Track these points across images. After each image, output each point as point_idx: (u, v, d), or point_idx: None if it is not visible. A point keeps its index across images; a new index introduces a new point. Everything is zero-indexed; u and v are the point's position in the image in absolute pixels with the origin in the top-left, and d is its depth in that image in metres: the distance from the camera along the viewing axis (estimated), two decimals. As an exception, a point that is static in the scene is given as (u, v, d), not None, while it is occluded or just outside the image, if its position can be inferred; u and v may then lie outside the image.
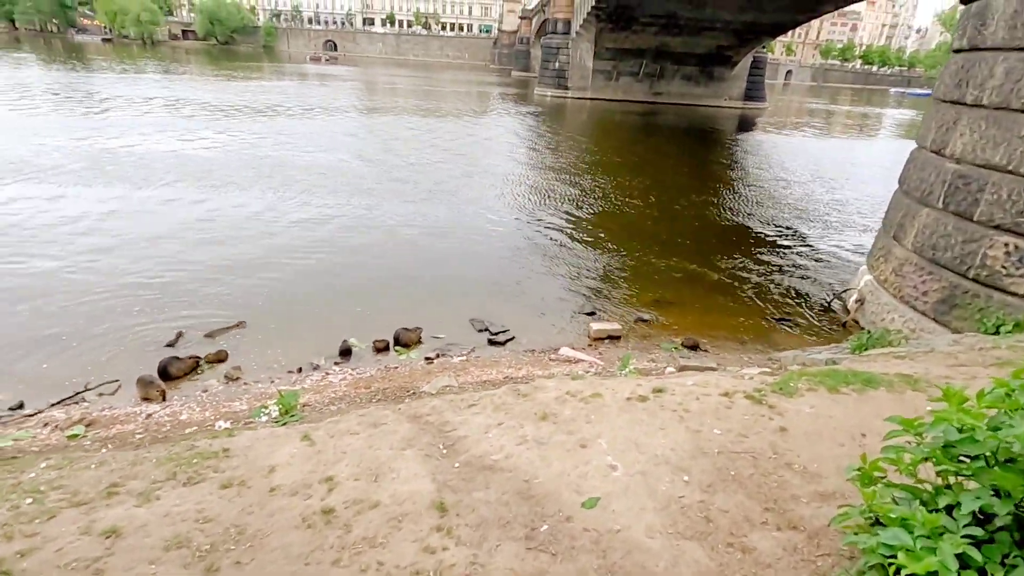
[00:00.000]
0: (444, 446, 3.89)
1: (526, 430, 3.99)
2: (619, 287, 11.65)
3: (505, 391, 4.98)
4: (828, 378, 4.74)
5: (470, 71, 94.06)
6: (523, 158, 24.69)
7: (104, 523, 2.94)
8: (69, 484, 3.48)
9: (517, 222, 15.51)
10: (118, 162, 18.50)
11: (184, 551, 2.77)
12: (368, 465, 3.62)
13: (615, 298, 11.10)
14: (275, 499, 3.26)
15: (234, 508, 3.16)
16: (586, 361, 8.50)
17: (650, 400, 4.36)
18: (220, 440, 4.35)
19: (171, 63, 66.55)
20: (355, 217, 14.82)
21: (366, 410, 4.94)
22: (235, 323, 9.17)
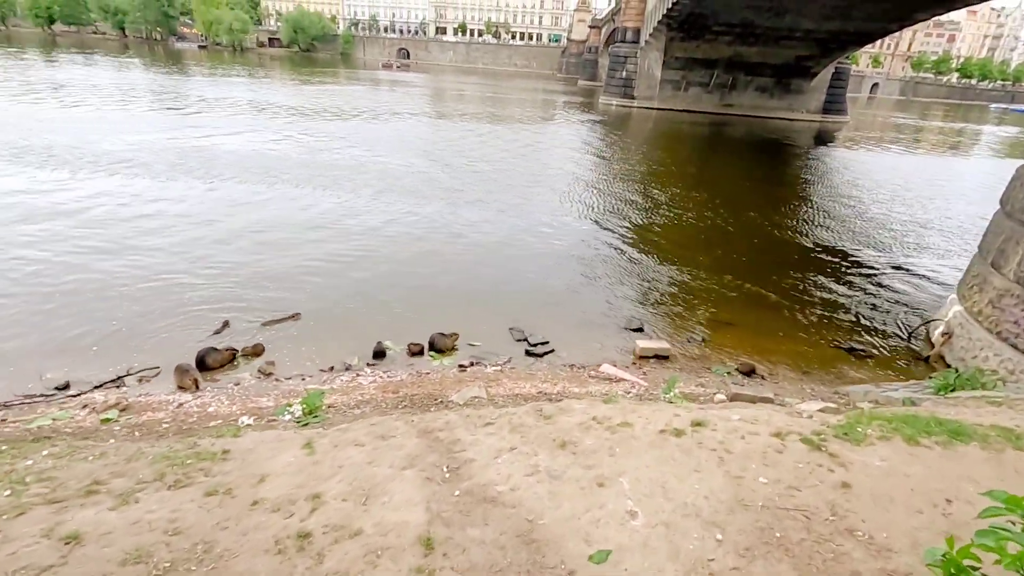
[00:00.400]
0: (448, 468, 3.52)
1: (540, 459, 3.56)
2: (671, 303, 10.96)
3: (527, 411, 4.57)
4: (906, 424, 4.02)
5: (537, 80, 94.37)
6: (583, 166, 24.18)
7: (69, 526, 2.76)
8: (57, 477, 3.36)
9: (572, 229, 15.05)
10: (196, 158, 19.46)
11: (141, 567, 2.53)
12: (361, 484, 3.30)
13: (666, 315, 10.42)
14: (254, 514, 2.99)
15: (210, 520, 2.91)
16: (628, 381, 7.93)
17: (687, 435, 3.82)
18: (224, 440, 4.18)
19: (256, 68, 70.46)
20: (411, 219, 14.81)
21: (379, 420, 4.66)
22: (290, 315, 9.23)
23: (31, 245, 11.18)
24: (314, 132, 26.67)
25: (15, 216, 12.69)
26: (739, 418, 4.20)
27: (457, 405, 6.63)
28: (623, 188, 20.41)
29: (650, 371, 8.37)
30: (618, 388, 7.58)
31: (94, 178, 16.20)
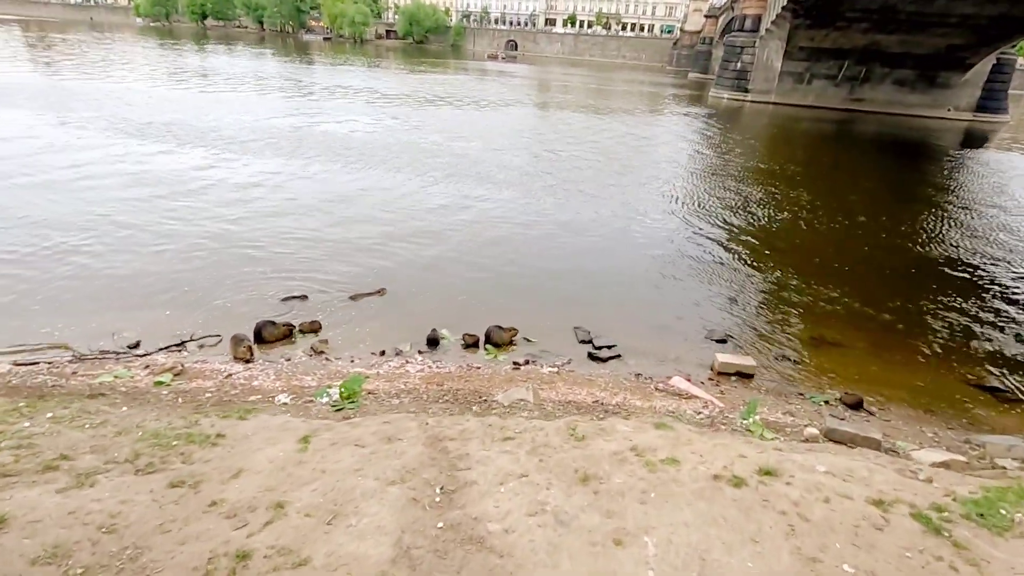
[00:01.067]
0: (442, 490, 2.96)
1: (551, 494, 2.89)
2: (763, 314, 9.65)
3: (558, 427, 3.89)
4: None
5: (645, 72, 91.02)
6: (683, 160, 22.61)
7: (2, 507, 2.51)
8: (37, 445, 3.19)
9: (662, 226, 13.92)
10: (301, 139, 20.40)
11: (52, 569, 2.20)
12: (336, 497, 2.83)
13: (755, 327, 9.17)
14: (206, 518, 2.60)
15: (155, 519, 2.56)
16: (700, 399, 6.94)
17: (749, 486, 2.97)
18: (228, 422, 3.90)
19: (372, 58, 73.97)
20: (497, 207, 14.43)
21: (394, 418, 4.20)
22: (376, 290, 9.18)
23: (129, 210, 12.06)
24: (414, 118, 27.17)
25: (120, 183, 13.82)
26: (825, 470, 3.25)
27: (500, 406, 6.08)
28: (725, 186, 18.74)
29: (729, 390, 7.30)
30: (687, 406, 6.64)
31: (202, 153, 17.39)
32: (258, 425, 3.83)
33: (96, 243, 10.35)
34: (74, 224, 11.12)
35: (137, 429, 3.54)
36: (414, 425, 3.94)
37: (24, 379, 6.27)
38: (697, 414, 6.40)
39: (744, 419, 6.28)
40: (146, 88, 29.91)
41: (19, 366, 6.63)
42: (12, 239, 10.20)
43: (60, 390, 5.94)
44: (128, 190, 13.37)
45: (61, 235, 10.55)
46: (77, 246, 10.17)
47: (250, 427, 3.78)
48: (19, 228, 10.70)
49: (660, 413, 6.29)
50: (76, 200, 12.45)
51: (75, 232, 10.74)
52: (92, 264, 9.58)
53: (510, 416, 4.51)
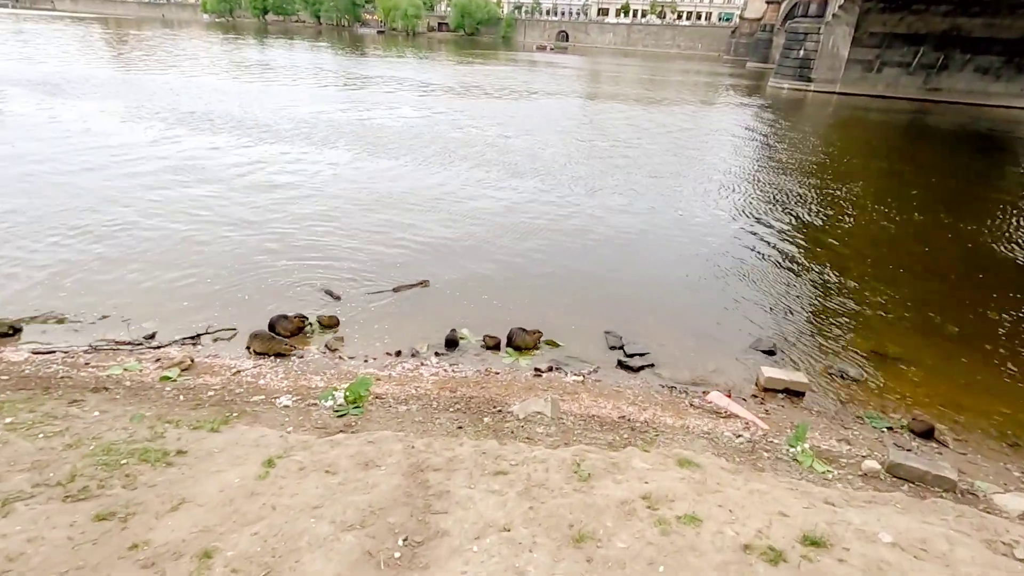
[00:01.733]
0: (406, 541, 2.48)
1: (535, 558, 2.36)
2: (819, 324, 8.72)
3: (561, 461, 3.35)
4: None
5: (700, 62, 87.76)
6: (736, 154, 21.32)
7: None
8: (-27, 457, 2.91)
9: (708, 223, 13.00)
10: (349, 129, 20.40)
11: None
12: (278, 545, 2.39)
13: (809, 338, 8.28)
14: (120, 565, 2.21)
15: (61, 564, 2.19)
16: (742, 419, 6.21)
17: (788, 562, 2.34)
18: (197, 435, 3.55)
19: (423, 51, 74.35)
20: (533, 199, 13.88)
21: (379, 437, 3.76)
22: (419, 281, 8.91)
23: (161, 197, 12.17)
24: (460, 110, 26.85)
25: (157, 169, 14.01)
26: (891, 540, 2.57)
27: (514, 419, 5.57)
28: (779, 181, 17.49)
29: (775, 410, 6.52)
30: (725, 427, 5.93)
31: (246, 143, 17.57)
32: (229, 440, 3.47)
33: (124, 229, 10.43)
34: (107, 209, 11.28)
35: (92, 441, 3.24)
36: (399, 448, 3.49)
37: (38, 368, 6.22)
38: (736, 437, 5.69)
39: (791, 446, 5.53)
40: (203, 80, 30.82)
41: (37, 355, 6.61)
42: (45, 222, 10.40)
43: (67, 382, 5.83)
44: (162, 176, 13.57)
45: (94, 218, 10.71)
46: (107, 231, 10.27)
47: (220, 441, 3.42)
48: (53, 212, 10.92)
49: (693, 434, 5.62)
50: (111, 186, 12.68)
51: (107, 217, 10.88)
52: (117, 250, 9.62)
53: (510, 441, 3.99)
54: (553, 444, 4.91)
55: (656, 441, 5.28)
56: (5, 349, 6.67)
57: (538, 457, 3.42)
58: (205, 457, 3.18)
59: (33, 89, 24.38)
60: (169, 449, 3.21)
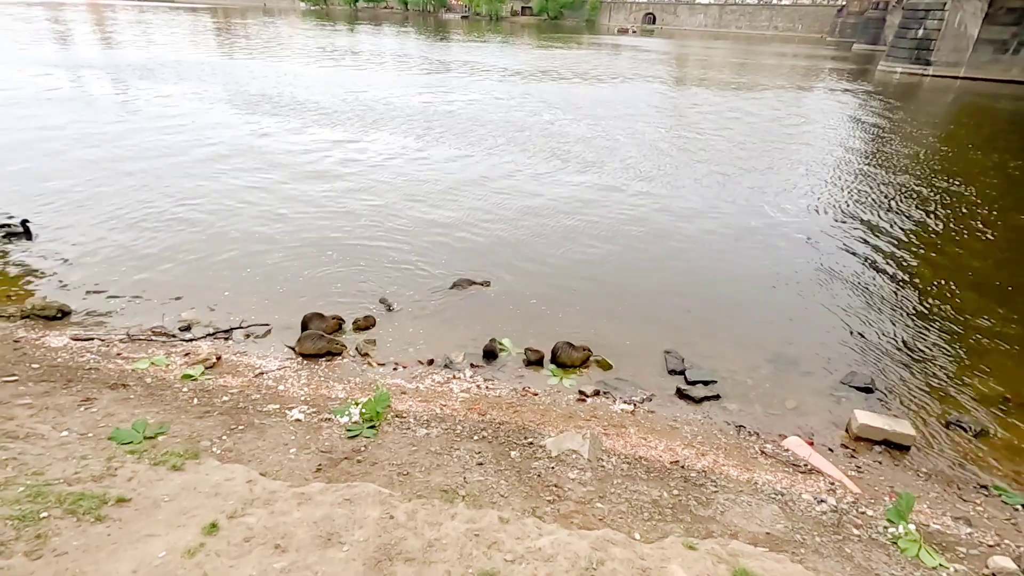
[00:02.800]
0: None
1: None
2: (932, 356, 7.26)
3: (573, 559, 2.56)
4: None
5: (800, 44, 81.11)
6: (836, 147, 19.05)
7: None
8: None
9: (799, 227, 11.47)
10: (422, 115, 20.15)
11: None
12: None
13: (918, 373, 6.87)
14: None
15: None
16: (827, 476, 5.11)
17: None
18: (153, 473, 3.08)
19: (506, 35, 73.73)
20: (601, 194, 12.88)
21: (360, 491, 3.14)
22: (482, 280, 8.42)
23: (223, 180, 12.26)
24: (537, 96, 25.97)
25: (216, 152, 14.21)
26: None
27: (544, 456, 4.82)
28: (888, 179, 15.36)
29: (870, 467, 5.34)
30: (804, 487, 4.87)
31: (312, 128, 17.67)
32: (187, 483, 2.99)
33: (180, 213, 10.53)
34: (168, 191, 11.49)
35: (32, 476, 2.84)
36: (374, 516, 2.85)
37: (72, 357, 6.17)
38: (818, 502, 4.63)
39: (891, 522, 4.41)
40: (286, 66, 31.80)
41: (76, 341, 6.59)
42: (104, 203, 10.69)
43: (91, 375, 5.70)
44: (225, 160, 13.75)
45: (153, 200, 10.91)
46: (164, 214, 10.41)
47: (175, 486, 2.94)
48: (113, 192, 11.23)
49: (762, 495, 4.62)
50: (176, 168, 12.97)
51: (168, 199, 11.06)
52: (168, 234, 9.66)
53: (520, 512, 3.24)
54: (580, 503, 4.12)
55: (712, 504, 4.34)
56: (50, 334, 6.70)
57: (544, 550, 2.66)
58: (146, 511, 2.70)
59: (128, 73, 26.04)
60: (110, 495, 2.76)
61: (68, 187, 11.52)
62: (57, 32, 43.84)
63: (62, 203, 10.74)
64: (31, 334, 6.63)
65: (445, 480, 4.27)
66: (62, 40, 38.94)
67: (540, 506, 4.04)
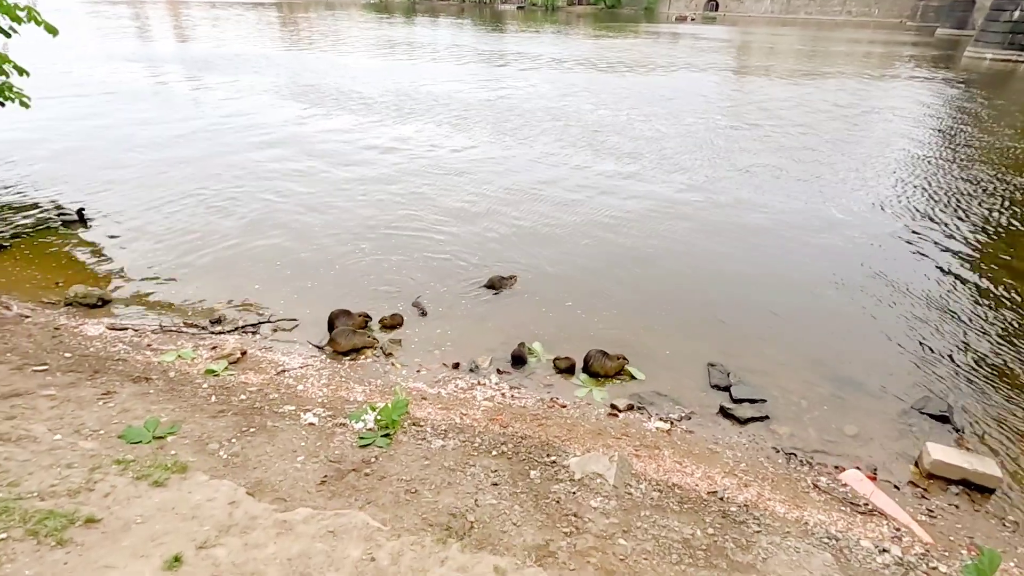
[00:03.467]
0: None
1: None
2: (1020, 384, 6.36)
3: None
4: None
5: (876, 30, 75.84)
6: (915, 141, 17.47)
7: None
8: None
9: (868, 230, 10.45)
10: (475, 109, 19.93)
11: None
12: None
13: (1005, 403, 6.01)
14: None
15: None
16: (891, 519, 4.47)
17: None
18: (133, 488, 2.89)
19: (561, 25, 72.49)
20: (650, 194, 12.20)
21: (346, 522, 2.86)
22: (516, 279, 8.06)
23: (263, 172, 12.36)
24: (590, 88, 25.26)
25: (260, 144, 14.36)
26: None
27: (567, 479, 4.44)
28: (974, 180, 13.90)
29: (944, 511, 4.65)
30: (863, 532, 4.26)
31: (361, 121, 17.71)
32: (166, 502, 2.79)
33: (227, 202, 10.66)
34: (215, 182, 11.67)
35: (7, 488, 2.70)
36: (355, 555, 2.55)
37: (104, 346, 6.24)
38: (879, 552, 4.03)
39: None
40: (341, 58, 32.27)
41: (111, 330, 6.68)
42: (156, 193, 10.95)
43: (117, 367, 5.72)
44: (272, 151, 13.90)
45: (205, 191, 11.10)
46: (210, 203, 10.56)
47: (152, 505, 2.74)
48: (164, 183, 11.50)
49: (812, 539, 4.07)
50: (224, 162, 13.20)
51: (214, 191, 11.22)
52: (211, 225, 9.77)
53: (509, 574, 2.85)
54: (600, 538, 3.72)
55: (753, 548, 3.83)
56: (88, 322, 6.83)
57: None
58: (113, 534, 2.50)
59: (188, 66, 27.04)
60: (80, 514, 2.59)
61: (122, 176, 11.92)
62: (136, 28, 46.28)
63: (115, 191, 11.10)
64: (71, 322, 6.78)
65: (455, 502, 3.96)
66: (139, 35, 41.05)
67: (555, 539, 3.66)
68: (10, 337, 6.00)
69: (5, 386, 4.80)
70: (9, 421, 3.60)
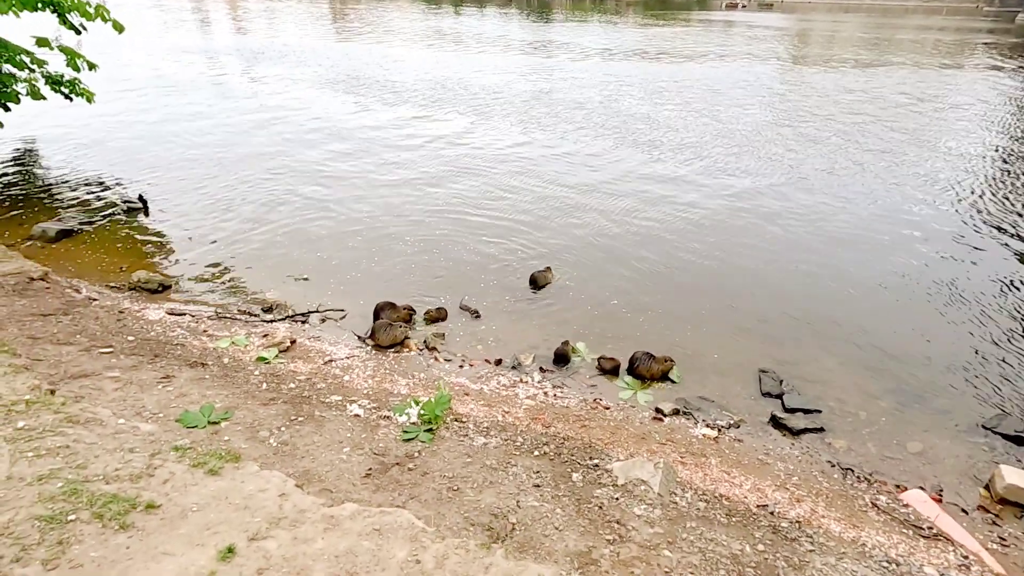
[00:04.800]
0: None
1: None
2: (1112, 404, 5.85)
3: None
4: None
5: (948, 16, 71.22)
6: (991, 135, 16.32)
7: None
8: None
9: (941, 229, 9.84)
10: (522, 101, 19.87)
11: None
12: None
13: (1092, 426, 5.54)
14: None
15: None
16: (958, 546, 4.20)
17: None
18: (191, 475, 2.98)
19: (611, 15, 71.18)
20: (703, 190, 11.86)
21: (393, 521, 2.87)
22: (545, 267, 8.05)
23: (313, 162, 12.60)
24: (639, 79, 24.73)
25: (314, 136, 14.63)
26: None
27: (610, 484, 4.36)
28: (1058, 174, 12.88)
29: (1018, 541, 4.33)
30: (926, 557, 4.01)
31: (403, 112, 17.86)
32: (220, 490, 2.87)
33: (274, 195, 10.93)
34: (270, 172, 11.99)
35: (75, 470, 2.83)
36: (401, 556, 2.56)
37: (164, 331, 6.51)
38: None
39: (1045, 622, 3.49)
40: (387, 49, 32.62)
41: (171, 315, 6.97)
42: (214, 184, 11.33)
43: (176, 351, 5.96)
44: (319, 143, 14.16)
45: (260, 181, 11.43)
46: (261, 195, 10.85)
47: (208, 493, 2.83)
48: (220, 172, 11.89)
49: (870, 562, 3.85)
50: (278, 152, 13.53)
51: (267, 181, 11.53)
52: (264, 215, 10.03)
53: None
54: (644, 548, 3.62)
55: (805, 568, 3.66)
56: (150, 306, 7.14)
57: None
58: (171, 521, 2.59)
59: (245, 58, 27.85)
60: (141, 499, 2.69)
61: (182, 167, 12.41)
62: (196, 20, 48.07)
63: (175, 181, 11.56)
64: (134, 306, 7.10)
65: (496, 502, 3.94)
66: (198, 28, 42.61)
67: (598, 547, 3.59)
68: (80, 319, 6.34)
69: (75, 367, 5.07)
70: (78, 403, 3.80)
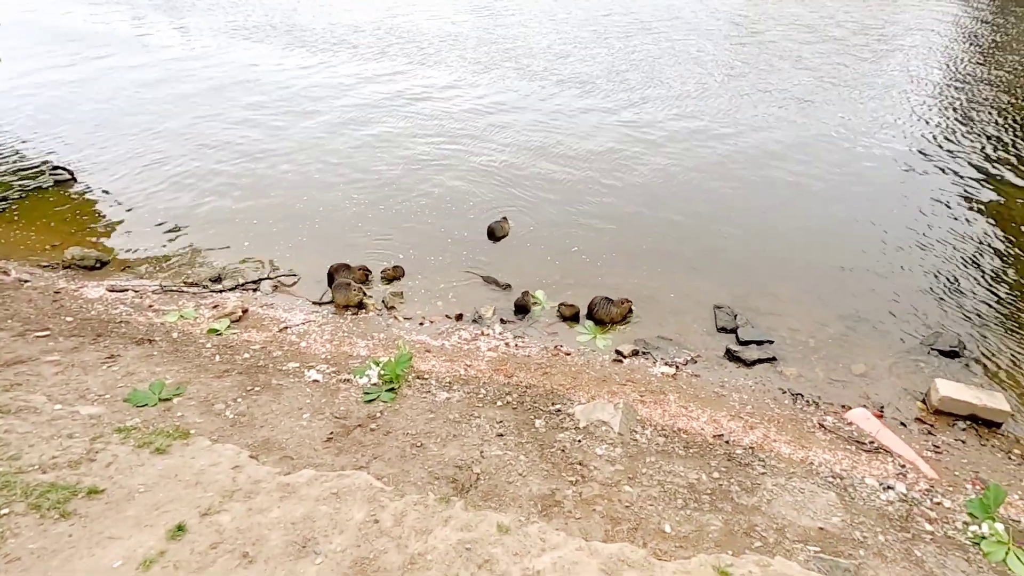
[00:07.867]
0: None
1: None
2: (1038, 315, 6.24)
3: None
4: None
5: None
6: (940, 66, 16.50)
7: None
8: None
9: (889, 162, 10.00)
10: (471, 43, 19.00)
11: None
12: None
13: (1018, 341, 5.92)
14: None
15: None
16: (896, 456, 4.48)
17: None
18: (135, 457, 2.89)
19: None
20: (653, 126, 11.66)
21: (350, 483, 2.86)
22: (501, 217, 7.86)
23: (252, 123, 11.94)
24: (590, 7, 23.90)
25: (250, 93, 13.81)
26: None
27: (572, 427, 4.45)
28: (1006, 107, 13.22)
29: (951, 447, 4.65)
30: (868, 470, 4.29)
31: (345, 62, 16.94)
32: (169, 469, 2.79)
33: (215, 160, 10.36)
34: (207, 136, 11.31)
35: (8, 462, 2.69)
36: (359, 517, 2.56)
37: (106, 309, 6.21)
38: (884, 489, 4.06)
39: (973, 518, 3.81)
40: None
41: (111, 292, 6.63)
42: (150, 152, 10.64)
43: (120, 329, 5.71)
44: (264, 107, 13.37)
45: (196, 147, 10.78)
46: (200, 162, 10.26)
47: (155, 472, 2.74)
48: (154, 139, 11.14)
49: (816, 479, 4.09)
50: (214, 114, 12.74)
51: (205, 147, 10.89)
52: (206, 183, 9.52)
53: (513, 532, 2.85)
54: (606, 486, 3.74)
55: (757, 490, 3.86)
56: (88, 284, 6.78)
57: (543, 574, 2.28)
58: (116, 504, 2.51)
59: (162, 8, 25.74)
60: (82, 486, 2.59)
61: (109, 132, 11.52)
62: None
63: (103, 148, 10.77)
64: (71, 285, 6.73)
65: (460, 454, 3.98)
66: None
67: (561, 488, 3.69)
68: (11, 303, 5.97)
69: (8, 353, 4.80)
70: (8, 392, 3.60)
